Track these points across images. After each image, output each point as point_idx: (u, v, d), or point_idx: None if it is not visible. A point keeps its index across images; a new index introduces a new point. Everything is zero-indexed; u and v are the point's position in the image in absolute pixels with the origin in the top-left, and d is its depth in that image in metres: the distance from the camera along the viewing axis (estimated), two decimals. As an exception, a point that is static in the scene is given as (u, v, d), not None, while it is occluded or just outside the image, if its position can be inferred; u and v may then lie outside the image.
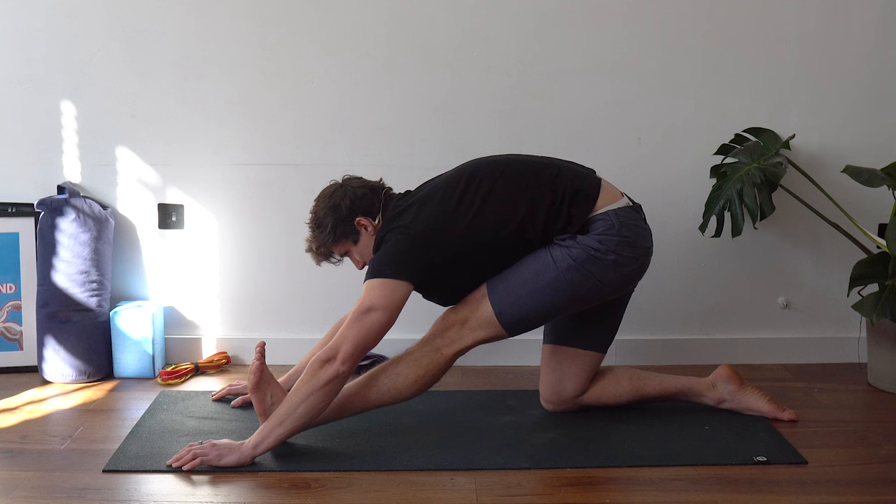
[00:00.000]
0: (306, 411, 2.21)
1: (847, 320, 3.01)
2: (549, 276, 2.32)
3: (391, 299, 2.25)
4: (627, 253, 2.34)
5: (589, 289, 2.33)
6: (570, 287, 2.32)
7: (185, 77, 2.93)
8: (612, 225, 2.33)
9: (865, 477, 2.23)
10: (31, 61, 2.91)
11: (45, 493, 2.10)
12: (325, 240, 2.44)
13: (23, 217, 2.93)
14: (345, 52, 2.93)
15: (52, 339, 2.84)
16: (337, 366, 2.20)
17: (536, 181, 2.35)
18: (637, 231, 2.38)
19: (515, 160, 2.43)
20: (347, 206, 2.42)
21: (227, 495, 2.10)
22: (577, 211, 2.34)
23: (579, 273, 2.31)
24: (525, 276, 2.33)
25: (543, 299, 2.33)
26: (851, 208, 2.89)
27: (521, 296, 2.33)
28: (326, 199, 2.45)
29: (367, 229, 2.43)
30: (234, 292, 3.06)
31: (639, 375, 2.57)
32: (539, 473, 2.22)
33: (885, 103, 3.01)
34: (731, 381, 2.56)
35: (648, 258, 2.44)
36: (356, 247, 2.46)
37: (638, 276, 2.44)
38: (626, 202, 2.41)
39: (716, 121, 2.98)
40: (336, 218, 2.42)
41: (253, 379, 2.32)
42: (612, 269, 2.33)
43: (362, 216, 2.42)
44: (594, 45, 2.95)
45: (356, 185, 2.46)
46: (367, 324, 2.23)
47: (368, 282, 2.27)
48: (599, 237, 2.32)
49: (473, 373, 2.99)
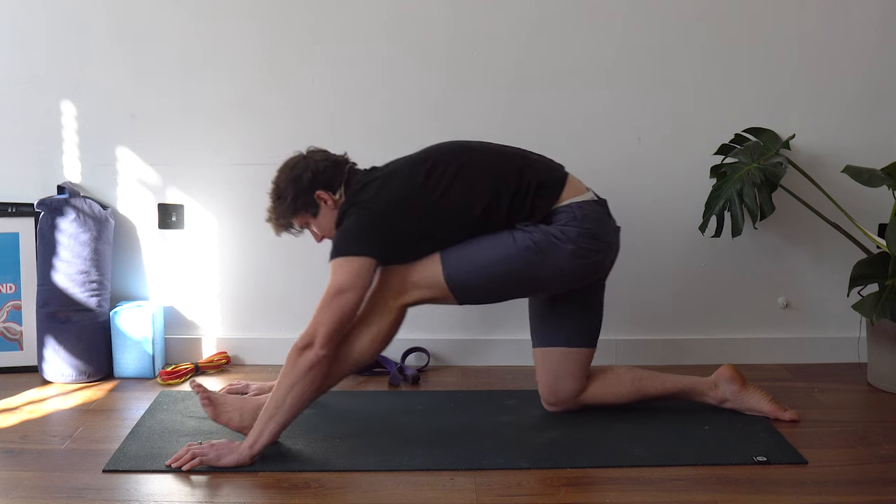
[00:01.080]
0: (294, 401, 2.23)
1: (847, 320, 3.01)
2: (505, 251, 2.32)
3: (359, 278, 2.25)
4: (588, 245, 2.34)
5: (547, 274, 2.34)
6: (527, 267, 2.32)
7: (185, 77, 2.93)
8: (574, 216, 2.34)
9: (865, 477, 2.23)
10: (31, 61, 2.92)
11: (45, 493, 2.10)
12: (284, 211, 2.44)
13: (23, 217, 2.93)
14: (344, 52, 2.93)
15: (52, 339, 2.84)
16: (316, 351, 2.21)
17: (503, 169, 2.37)
18: (599, 224, 2.39)
19: (485, 146, 2.45)
20: (309, 179, 2.41)
21: (227, 495, 2.11)
22: (540, 202, 2.36)
23: (538, 255, 2.31)
24: (481, 245, 2.34)
25: (495, 271, 2.33)
26: (851, 208, 2.89)
27: (473, 262, 2.33)
28: (288, 170, 2.45)
29: (327, 203, 2.42)
30: (234, 292, 3.06)
31: (641, 376, 2.57)
32: (539, 473, 2.22)
33: (885, 103, 3.01)
34: (734, 381, 2.56)
35: (612, 253, 2.45)
36: (315, 220, 2.45)
37: (600, 269, 2.44)
38: (590, 196, 2.42)
39: (716, 121, 2.98)
40: (296, 190, 2.41)
41: (210, 411, 2.33)
42: (572, 258, 2.33)
43: (323, 190, 2.41)
44: (594, 45, 2.95)
45: (319, 158, 2.45)
46: (339, 305, 2.23)
47: (335, 261, 2.27)
48: (561, 227, 2.33)
49: (473, 373, 2.99)
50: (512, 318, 2.96)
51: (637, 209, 3.02)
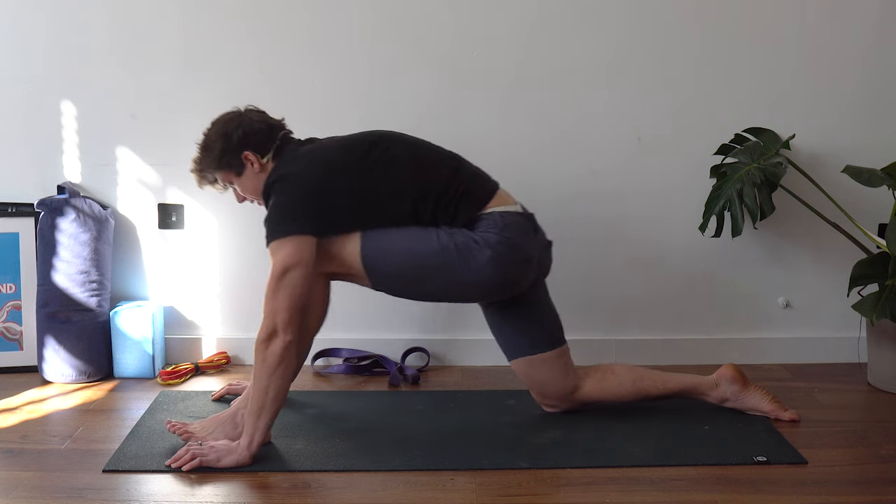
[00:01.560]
0: (276, 393, 2.22)
1: (847, 320, 3.00)
2: (425, 244, 2.30)
3: (302, 254, 2.23)
4: (507, 253, 2.30)
5: (463, 277, 2.30)
6: (444, 265, 2.29)
7: (186, 77, 2.93)
8: (495, 224, 2.32)
9: (865, 477, 2.24)
10: (31, 61, 2.92)
11: (45, 493, 2.10)
12: (209, 164, 2.40)
13: (23, 217, 2.93)
14: (344, 52, 2.93)
15: (52, 339, 2.84)
16: (282, 337, 2.20)
17: (435, 169, 2.36)
18: (521, 235, 2.35)
19: (423, 144, 2.44)
20: (239, 138, 2.37)
21: (227, 495, 2.11)
22: (465, 207, 2.34)
23: (456, 256, 2.29)
24: (402, 233, 2.32)
25: (412, 261, 2.30)
26: (851, 208, 2.89)
27: (392, 248, 2.31)
28: (221, 124, 2.41)
29: (253, 165, 2.38)
30: (234, 292, 3.06)
31: (642, 376, 2.56)
32: (539, 473, 2.22)
33: (885, 103, 3.01)
34: (735, 381, 2.56)
35: (533, 268, 2.39)
36: (239, 179, 2.41)
37: (521, 281, 2.38)
38: (517, 208, 2.39)
39: (716, 121, 2.98)
40: (224, 146, 2.38)
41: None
42: (490, 264, 2.29)
43: (251, 151, 2.37)
44: (593, 45, 2.95)
45: (255, 119, 2.41)
46: (290, 285, 2.21)
47: (274, 244, 2.24)
48: (482, 233, 2.31)
49: (473, 373, 2.99)
50: (512, 318, 2.96)
51: (637, 209, 3.02)
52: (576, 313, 3.04)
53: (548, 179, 2.98)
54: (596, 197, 3.01)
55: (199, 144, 2.44)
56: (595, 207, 3.01)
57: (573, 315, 3.05)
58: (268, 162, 2.38)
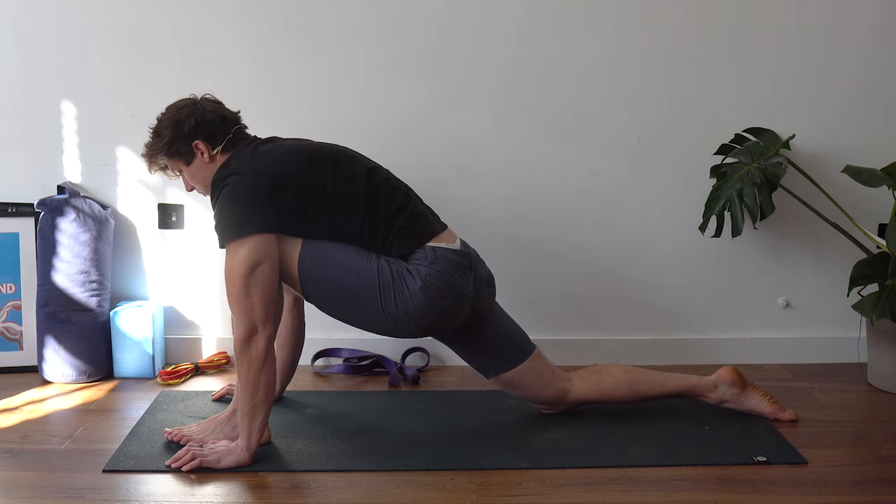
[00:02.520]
0: (266, 390, 2.22)
1: (847, 320, 3.00)
2: (361, 264, 2.28)
3: (266, 249, 2.21)
4: (436, 287, 2.27)
5: (397, 304, 2.27)
6: (378, 287, 2.26)
7: (185, 77, 2.93)
8: (426, 256, 2.30)
9: (865, 477, 2.24)
10: (31, 61, 2.91)
11: (45, 493, 2.10)
12: (158, 150, 2.37)
13: (23, 217, 2.93)
14: (343, 52, 2.93)
15: (52, 339, 2.84)
16: (262, 333, 2.20)
17: (387, 198, 2.33)
18: (452, 271, 2.31)
19: (381, 169, 2.41)
20: (190, 127, 2.34)
21: (227, 495, 2.11)
22: (398, 242, 2.32)
23: (391, 280, 2.27)
24: (343, 248, 2.30)
25: (347, 276, 2.27)
26: (851, 208, 2.89)
27: (330, 258, 2.28)
28: (174, 111, 2.38)
29: (203, 155, 2.35)
30: (234, 292, 3.05)
31: (639, 379, 2.54)
32: (539, 473, 2.22)
33: (885, 103, 3.01)
34: (735, 384, 2.55)
35: (465, 303, 2.34)
36: (188, 168, 2.39)
37: (456, 316, 2.35)
38: (452, 245, 2.36)
39: (716, 121, 2.98)
40: (175, 133, 2.34)
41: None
42: (420, 295, 2.26)
43: (202, 140, 2.34)
44: (593, 45, 2.95)
45: (209, 109, 2.38)
46: (260, 280, 2.19)
47: (231, 245, 2.21)
48: (414, 265, 2.30)
49: (473, 373, 2.98)
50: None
51: (637, 209, 3.02)
52: (575, 313, 3.05)
53: (548, 179, 2.98)
54: (596, 197, 3.01)
55: (151, 129, 2.41)
56: (595, 207, 3.01)
57: (573, 315, 3.06)
58: (217, 154, 2.35)
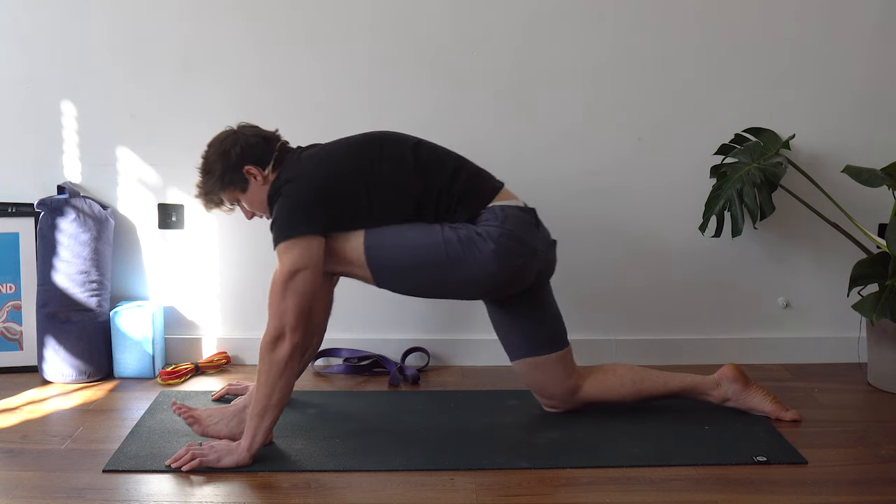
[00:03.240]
0: (281, 395, 2.22)
1: (847, 320, 3.00)
2: (428, 238, 2.30)
3: (310, 256, 2.23)
4: (509, 246, 2.31)
5: (467, 272, 2.30)
6: (448, 259, 2.29)
7: (186, 77, 2.93)
8: (496, 216, 2.33)
9: (865, 477, 2.24)
10: (31, 61, 2.92)
11: (45, 493, 2.10)
12: (213, 186, 2.41)
13: (23, 217, 2.93)
14: (343, 52, 2.93)
15: (52, 339, 2.84)
16: (290, 339, 2.20)
17: (438, 168, 2.36)
18: (523, 228, 2.35)
19: (426, 143, 2.44)
20: (237, 154, 2.37)
21: (227, 495, 2.11)
22: (465, 204, 2.34)
23: (461, 249, 2.29)
24: (407, 229, 2.33)
25: (416, 255, 2.30)
26: (851, 208, 2.89)
27: (395, 242, 2.31)
28: (217, 144, 2.41)
29: (256, 178, 2.38)
30: (234, 292, 3.06)
31: (643, 376, 2.56)
32: (539, 473, 2.22)
33: (885, 103, 3.01)
34: (737, 381, 2.56)
35: (538, 262, 2.39)
36: (245, 195, 2.42)
37: (524, 276, 2.38)
38: (518, 202, 2.40)
39: (716, 121, 2.98)
40: (225, 165, 2.38)
41: (196, 429, 2.33)
42: (493, 258, 2.29)
43: (252, 165, 2.38)
44: (593, 45, 2.95)
45: (249, 133, 2.42)
46: (298, 287, 2.21)
47: (282, 245, 2.24)
48: (484, 227, 2.32)
49: (473, 373, 2.99)
50: (512, 318, 2.96)
51: (637, 209, 3.02)
52: (576, 313, 3.04)
53: (548, 179, 2.98)
54: (596, 197, 3.01)
55: (200, 168, 2.44)
56: (595, 207, 3.01)
57: (573, 315, 3.05)
58: (269, 173, 2.38)
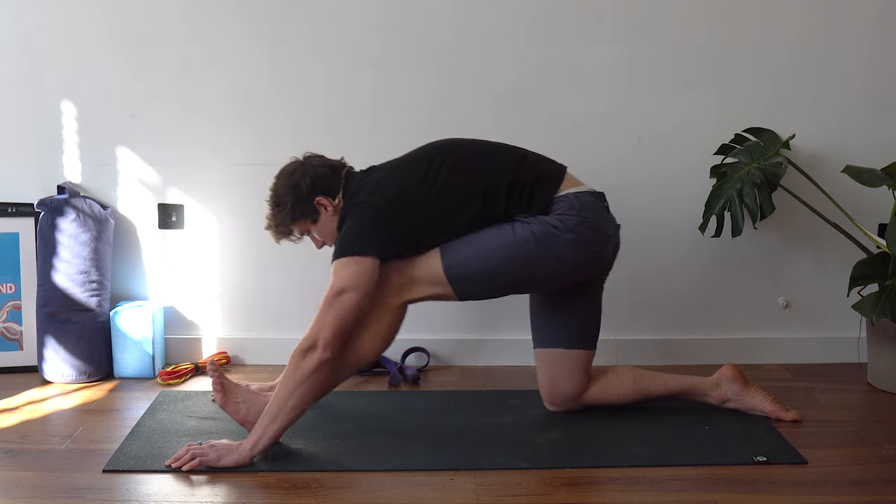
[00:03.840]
0: (297, 404, 2.22)
1: (847, 320, 3.00)
2: (504, 242, 2.32)
3: (361, 277, 2.24)
4: (587, 234, 2.33)
5: (546, 266, 2.32)
6: (526, 259, 2.31)
7: (186, 77, 2.93)
8: (572, 205, 2.34)
9: (865, 477, 2.23)
10: (31, 61, 2.92)
11: (45, 493, 2.10)
12: (284, 218, 2.43)
13: (23, 217, 2.93)
14: (344, 52, 2.93)
15: (52, 339, 2.84)
16: (319, 354, 2.20)
17: (500, 161, 2.37)
18: (599, 215, 2.38)
19: (481, 142, 2.46)
20: (307, 186, 2.40)
21: (227, 495, 2.11)
22: (538, 192, 2.36)
23: (537, 246, 2.30)
24: (480, 238, 2.34)
25: (496, 264, 2.32)
26: (851, 208, 2.89)
27: (473, 254, 2.32)
28: (286, 177, 2.44)
29: (326, 209, 2.41)
30: (234, 292, 3.06)
31: (642, 376, 2.57)
32: (539, 473, 2.22)
33: (885, 103, 3.01)
34: (736, 380, 2.56)
35: (612, 247, 2.44)
36: (316, 226, 2.44)
37: (600, 261, 2.42)
38: (588, 188, 2.42)
39: (716, 121, 2.98)
40: (296, 197, 2.40)
41: (219, 398, 2.34)
42: (571, 248, 2.31)
43: (322, 195, 2.40)
44: (593, 45, 2.95)
45: (316, 164, 2.44)
46: (341, 306, 2.22)
47: (337, 262, 2.26)
48: (560, 216, 2.33)
49: (473, 373, 2.99)
50: (512, 319, 2.96)
51: (637, 209, 3.02)
52: (576, 313, 3.04)
53: (548, 179, 2.98)
54: (596, 197, 3.01)
55: (269, 201, 2.46)
56: (595, 207, 3.01)
57: (573, 315, 3.05)
58: (339, 202, 2.40)
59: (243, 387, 2.40)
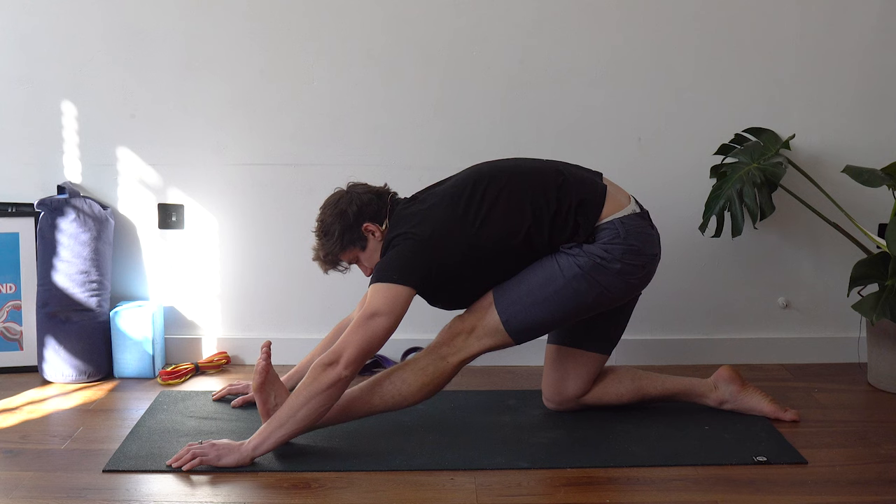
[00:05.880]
0: (307, 414, 2.21)
1: (847, 320, 3.01)
2: (556, 285, 2.31)
3: (395, 304, 2.23)
4: (633, 261, 2.33)
5: (595, 297, 2.33)
6: (577, 295, 2.32)
7: (186, 77, 2.93)
8: (618, 234, 2.33)
9: (865, 477, 2.24)
10: (31, 61, 2.92)
11: (45, 493, 2.10)
12: (332, 248, 2.42)
13: (23, 217, 2.93)
14: (344, 52, 2.93)
15: (52, 339, 2.84)
16: (339, 370, 2.19)
17: (542, 189, 2.34)
18: (643, 238, 2.37)
19: (522, 166, 2.43)
20: (354, 213, 2.40)
21: (227, 495, 2.11)
22: (583, 220, 2.33)
23: (586, 281, 2.31)
24: (532, 284, 2.33)
25: (550, 308, 2.32)
26: (851, 208, 2.89)
27: (529, 304, 2.32)
28: (333, 205, 2.43)
29: (374, 235, 2.41)
30: (234, 292, 3.06)
31: (641, 376, 2.57)
32: (539, 473, 2.22)
33: (885, 103, 3.01)
34: (733, 381, 2.56)
35: (655, 264, 2.44)
36: (364, 253, 2.44)
37: (643, 284, 2.44)
38: (632, 209, 2.39)
39: (716, 121, 2.98)
40: (343, 225, 2.40)
41: (258, 379, 2.32)
42: (618, 277, 2.32)
43: (370, 222, 2.40)
44: (594, 45, 2.95)
45: (361, 192, 2.44)
46: (370, 329, 2.22)
47: (374, 286, 2.26)
48: (605, 246, 2.32)
49: (473, 373, 2.98)
50: (512, 318, 2.96)
51: (637, 209, 3.02)
52: (576, 313, 3.04)
53: (548, 179, 2.98)
54: (596, 197, 3.01)
55: (316, 231, 2.45)
56: (595, 207, 3.01)
57: (573, 315, 3.05)
58: (385, 228, 2.40)
59: (282, 382, 2.40)
